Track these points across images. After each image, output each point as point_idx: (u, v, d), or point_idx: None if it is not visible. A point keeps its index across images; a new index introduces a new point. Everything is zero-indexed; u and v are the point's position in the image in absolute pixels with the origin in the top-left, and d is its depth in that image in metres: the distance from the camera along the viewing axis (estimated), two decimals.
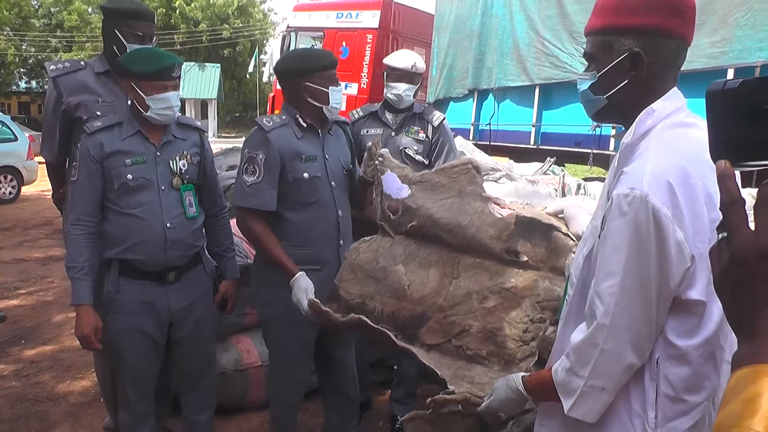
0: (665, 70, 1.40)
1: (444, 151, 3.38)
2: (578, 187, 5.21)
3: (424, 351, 2.01)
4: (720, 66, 5.76)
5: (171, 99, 2.45)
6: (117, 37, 2.81)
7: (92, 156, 2.41)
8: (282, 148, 2.45)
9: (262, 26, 39.82)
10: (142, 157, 2.46)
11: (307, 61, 2.53)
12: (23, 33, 34.78)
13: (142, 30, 2.83)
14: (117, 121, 2.49)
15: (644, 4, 1.37)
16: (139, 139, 2.48)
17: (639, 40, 1.37)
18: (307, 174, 2.47)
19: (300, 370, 2.66)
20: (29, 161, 11.85)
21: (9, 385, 3.88)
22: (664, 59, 1.39)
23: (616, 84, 1.42)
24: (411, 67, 3.34)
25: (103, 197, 2.46)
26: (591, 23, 1.47)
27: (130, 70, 2.42)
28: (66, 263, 2.46)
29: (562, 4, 7.16)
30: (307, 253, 2.48)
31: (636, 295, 1.29)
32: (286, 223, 2.49)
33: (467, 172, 2.22)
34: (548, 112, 7.83)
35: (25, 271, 6.60)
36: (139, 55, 2.49)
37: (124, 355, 2.54)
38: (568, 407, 1.39)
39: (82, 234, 2.43)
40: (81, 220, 2.43)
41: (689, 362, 1.31)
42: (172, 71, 2.46)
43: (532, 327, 1.92)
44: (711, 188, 1.29)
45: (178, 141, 2.57)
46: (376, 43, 9.97)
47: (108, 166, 2.43)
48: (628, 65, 1.39)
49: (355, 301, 2.21)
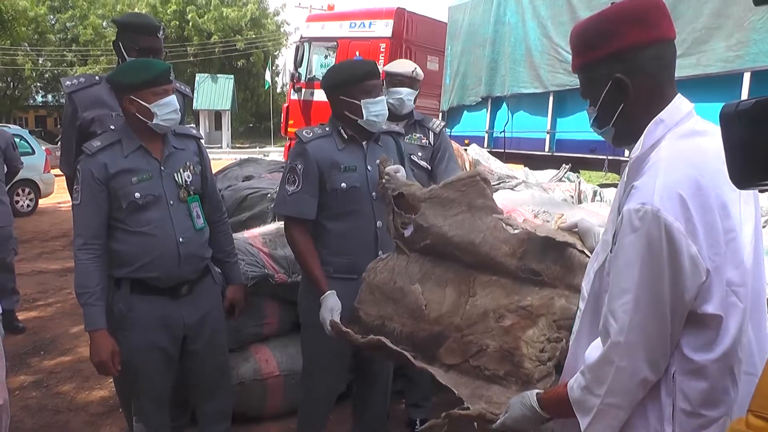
0: (656, 79, 1.39)
1: (445, 157, 3.41)
2: (594, 194, 5.19)
3: (443, 371, 1.99)
4: (736, 70, 5.73)
5: (173, 102, 2.43)
6: (121, 51, 2.85)
7: (96, 178, 2.36)
8: (320, 158, 2.49)
9: (275, 37, 40.10)
10: (148, 174, 2.42)
11: (339, 75, 2.55)
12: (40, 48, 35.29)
13: (142, 43, 2.84)
14: (116, 138, 2.44)
15: (605, 31, 1.39)
16: (142, 155, 2.44)
17: (615, 65, 1.38)
18: (345, 184, 2.49)
19: (330, 378, 2.67)
20: (46, 174, 11.98)
21: (29, 396, 3.91)
22: (650, 70, 1.38)
23: (615, 111, 1.42)
24: (412, 72, 3.39)
25: (110, 217, 2.42)
26: (572, 63, 1.51)
27: (127, 83, 2.38)
28: (76, 289, 2.41)
29: (574, 11, 7.15)
30: (345, 262, 2.51)
31: (650, 312, 1.27)
32: (326, 232, 2.55)
33: (476, 185, 2.17)
34: (562, 118, 7.81)
35: (43, 283, 6.67)
36: (131, 67, 2.47)
37: (139, 371, 2.51)
38: (585, 426, 1.38)
39: (91, 258, 2.39)
40: (88, 245, 2.39)
41: (706, 377, 1.29)
42: (169, 75, 2.45)
43: (548, 346, 1.88)
44: (725, 198, 1.28)
45: (179, 152, 2.54)
46: (390, 52, 9.98)
47: (114, 187, 2.38)
48: (616, 91, 1.40)
49: (375, 323, 2.19)
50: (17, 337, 4.89)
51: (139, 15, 2.96)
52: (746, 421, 0.89)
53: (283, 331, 3.55)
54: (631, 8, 1.37)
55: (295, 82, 11.12)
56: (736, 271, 1.29)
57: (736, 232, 1.30)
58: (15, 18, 26.95)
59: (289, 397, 3.42)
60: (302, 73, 11.02)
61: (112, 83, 2.51)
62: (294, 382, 3.39)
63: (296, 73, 11.09)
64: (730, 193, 1.29)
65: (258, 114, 41.96)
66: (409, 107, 3.39)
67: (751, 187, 0.80)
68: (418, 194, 2.24)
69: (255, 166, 5.39)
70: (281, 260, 3.38)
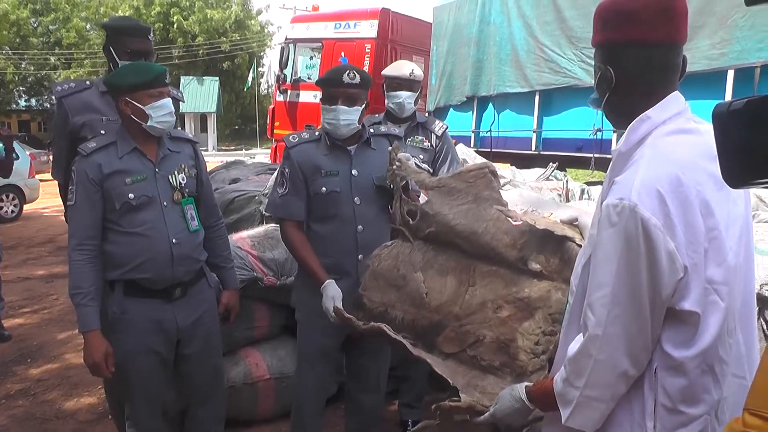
0: (643, 78, 1.39)
1: (448, 159, 3.44)
2: (582, 192, 5.21)
3: (441, 359, 2.01)
4: (720, 67, 5.77)
5: (168, 105, 2.45)
6: (112, 54, 2.84)
7: (91, 179, 2.37)
8: (303, 162, 2.57)
9: (260, 38, 39.99)
10: (142, 175, 2.43)
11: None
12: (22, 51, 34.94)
13: (133, 46, 2.84)
14: (111, 140, 2.45)
15: (601, 20, 1.42)
16: (137, 157, 2.45)
17: (603, 56, 1.43)
18: (325, 188, 2.54)
19: (318, 372, 2.70)
20: (31, 179, 11.86)
21: (16, 404, 3.86)
22: (633, 69, 1.38)
23: (603, 95, 1.46)
24: (409, 75, 3.40)
25: (104, 219, 2.42)
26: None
27: (124, 85, 2.39)
28: (70, 290, 2.40)
29: (559, 10, 7.16)
30: (328, 263, 2.57)
31: (628, 306, 1.28)
32: (312, 234, 2.62)
33: (484, 177, 2.20)
34: (549, 117, 7.83)
35: (29, 290, 6.60)
36: (129, 69, 2.47)
37: (132, 375, 2.51)
38: (566, 417, 1.40)
39: (85, 259, 2.39)
40: (83, 245, 2.39)
41: (685, 373, 1.30)
42: (165, 77, 2.47)
43: (543, 340, 1.90)
44: (707, 195, 1.28)
45: (174, 154, 2.55)
46: (375, 52, 9.97)
47: (108, 187, 2.39)
48: (604, 79, 1.43)
49: (378, 310, 2.22)
50: (3, 345, 4.84)
51: (128, 18, 3.00)
52: (743, 420, 0.89)
53: (273, 335, 3.54)
54: (629, 4, 1.37)
55: (281, 84, 11.08)
56: (718, 269, 1.29)
57: (719, 230, 1.30)
58: None
59: (280, 401, 3.41)
60: (288, 74, 10.99)
61: (109, 85, 2.50)
62: (285, 386, 3.38)
63: (281, 74, 11.06)
64: (715, 192, 1.29)
65: (244, 116, 41.84)
66: (409, 110, 3.41)
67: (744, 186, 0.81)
68: (427, 182, 2.28)
69: (241, 169, 5.38)
70: (270, 263, 3.37)
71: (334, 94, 2.52)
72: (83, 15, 36.43)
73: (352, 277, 2.55)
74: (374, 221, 2.59)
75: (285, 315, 3.51)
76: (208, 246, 2.67)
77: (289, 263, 3.39)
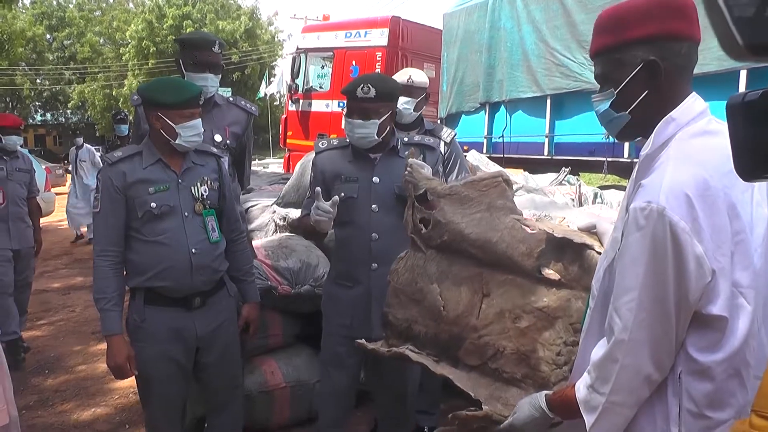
0: (681, 75, 1.38)
1: (456, 166, 3.43)
2: (595, 196, 5.19)
3: (465, 372, 1.99)
4: (732, 68, 5.72)
5: (198, 126, 2.49)
6: (180, 66, 3.01)
7: (115, 186, 2.42)
8: (326, 168, 2.62)
9: (270, 47, 40.19)
10: (165, 185, 2.47)
11: None
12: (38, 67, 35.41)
13: (198, 58, 2.98)
14: (137, 150, 2.51)
15: (647, 13, 1.36)
16: (161, 167, 2.49)
17: (651, 49, 1.35)
18: (343, 194, 2.53)
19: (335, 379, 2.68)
20: (47, 193, 11.93)
21: (35, 415, 3.90)
22: (679, 63, 1.37)
23: (637, 96, 1.40)
24: (407, 81, 3.40)
25: (127, 227, 2.47)
26: (596, 45, 1.46)
27: (159, 101, 2.43)
28: (94, 295, 2.46)
29: (569, 14, 7.15)
30: (343, 270, 2.63)
31: (654, 310, 1.27)
32: (336, 238, 2.71)
33: (497, 186, 2.15)
34: (561, 121, 7.79)
35: (47, 302, 6.66)
36: (166, 85, 2.51)
37: (152, 383, 2.53)
38: (590, 424, 1.38)
39: (109, 265, 2.44)
40: (107, 251, 2.44)
41: (712, 378, 1.29)
42: (199, 99, 2.51)
43: (565, 350, 1.86)
44: (734, 198, 1.27)
45: (198, 167, 2.58)
46: (386, 60, 9.99)
47: (131, 195, 2.43)
48: (645, 76, 1.37)
49: (403, 326, 2.19)
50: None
51: (197, 32, 3.16)
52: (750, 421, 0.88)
53: (287, 344, 3.55)
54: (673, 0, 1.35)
55: (293, 93, 11.13)
56: (745, 273, 1.28)
57: (745, 234, 1.29)
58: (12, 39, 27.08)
59: (295, 409, 3.41)
60: (299, 84, 11.04)
61: (143, 96, 2.53)
62: (300, 393, 3.38)
63: (293, 84, 11.11)
64: (741, 194, 1.28)
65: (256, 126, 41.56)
66: (408, 116, 3.39)
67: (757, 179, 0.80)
68: (439, 189, 2.23)
69: (255, 179, 5.40)
70: (284, 272, 3.38)
71: (350, 106, 2.52)
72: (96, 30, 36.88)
73: (364, 286, 2.55)
74: (391, 230, 2.51)
75: (299, 324, 3.52)
76: (229, 259, 2.69)
77: (303, 272, 3.40)
